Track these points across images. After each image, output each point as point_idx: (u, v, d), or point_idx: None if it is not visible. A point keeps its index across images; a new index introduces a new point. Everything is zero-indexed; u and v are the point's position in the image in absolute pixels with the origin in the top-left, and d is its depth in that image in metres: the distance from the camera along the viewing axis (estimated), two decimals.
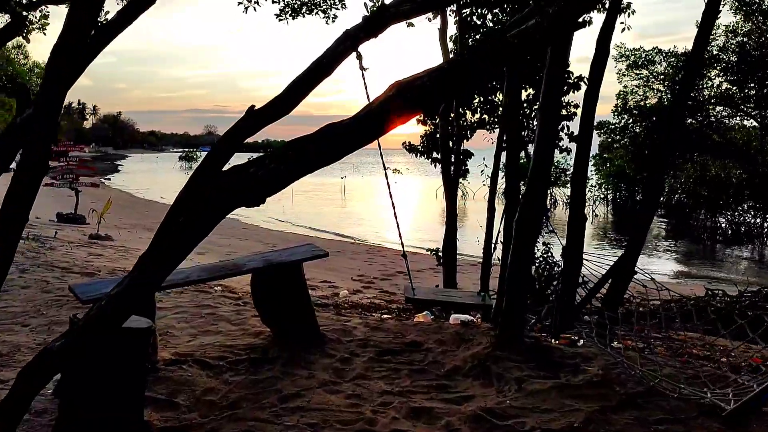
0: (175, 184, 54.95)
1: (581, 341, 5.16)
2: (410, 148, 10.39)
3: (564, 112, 10.66)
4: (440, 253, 8.37)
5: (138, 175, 72.00)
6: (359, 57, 4.55)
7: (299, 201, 42.70)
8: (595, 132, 10.83)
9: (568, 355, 4.72)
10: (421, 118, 10.20)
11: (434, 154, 10.44)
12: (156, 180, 60.43)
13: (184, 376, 4.09)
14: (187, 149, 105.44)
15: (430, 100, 2.42)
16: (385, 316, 6.66)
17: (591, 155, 10.99)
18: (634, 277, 6.03)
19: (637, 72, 27.61)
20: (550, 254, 9.55)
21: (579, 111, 6.32)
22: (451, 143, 10.03)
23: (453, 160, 8.52)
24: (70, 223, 19.97)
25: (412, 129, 11.05)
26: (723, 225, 29.10)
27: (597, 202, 38.54)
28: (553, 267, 9.27)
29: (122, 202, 34.71)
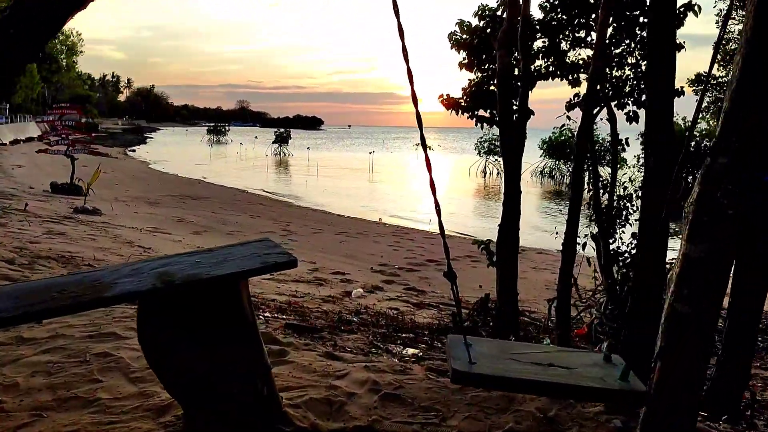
0: (197, 157, 53.46)
1: None
2: (449, 104, 7.79)
3: None
4: (491, 248, 5.81)
5: (164, 147, 70.55)
6: None
7: (324, 176, 40.31)
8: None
9: None
10: (466, 60, 7.58)
11: (481, 112, 7.85)
12: (179, 153, 58.86)
13: None
14: (216, 123, 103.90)
15: None
16: (410, 351, 4.18)
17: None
18: None
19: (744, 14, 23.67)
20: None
21: None
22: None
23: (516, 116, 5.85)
24: (65, 194, 17.95)
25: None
26: None
27: None
28: None
29: (136, 173, 32.78)
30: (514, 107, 5.82)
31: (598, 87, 7.86)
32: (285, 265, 2.46)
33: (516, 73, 6.32)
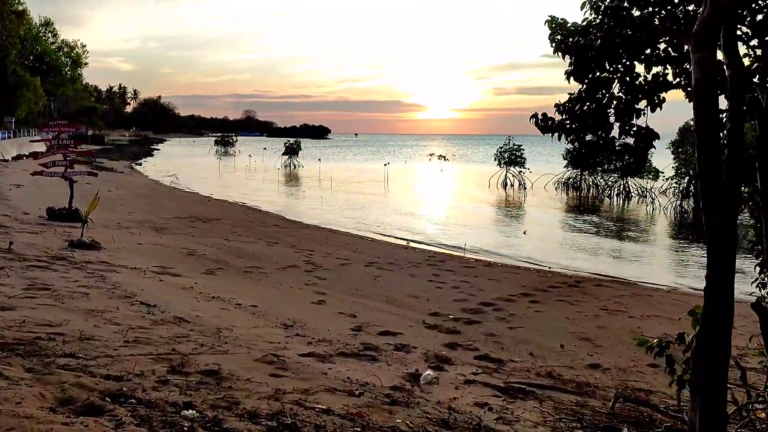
0: (206, 171, 51.77)
1: None
2: (546, 125, 5.86)
3: None
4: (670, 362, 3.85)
5: (171, 160, 69.01)
6: None
7: (340, 190, 38.37)
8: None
9: None
10: (573, 66, 5.64)
11: (589, 137, 5.93)
12: (187, 166, 57.19)
13: None
14: (223, 134, 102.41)
15: None
16: None
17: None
18: None
19: None
20: None
21: None
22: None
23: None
24: (63, 221, 16.10)
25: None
26: None
27: (678, 196, 33.13)
28: None
29: (143, 190, 30.98)
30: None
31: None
32: None
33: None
